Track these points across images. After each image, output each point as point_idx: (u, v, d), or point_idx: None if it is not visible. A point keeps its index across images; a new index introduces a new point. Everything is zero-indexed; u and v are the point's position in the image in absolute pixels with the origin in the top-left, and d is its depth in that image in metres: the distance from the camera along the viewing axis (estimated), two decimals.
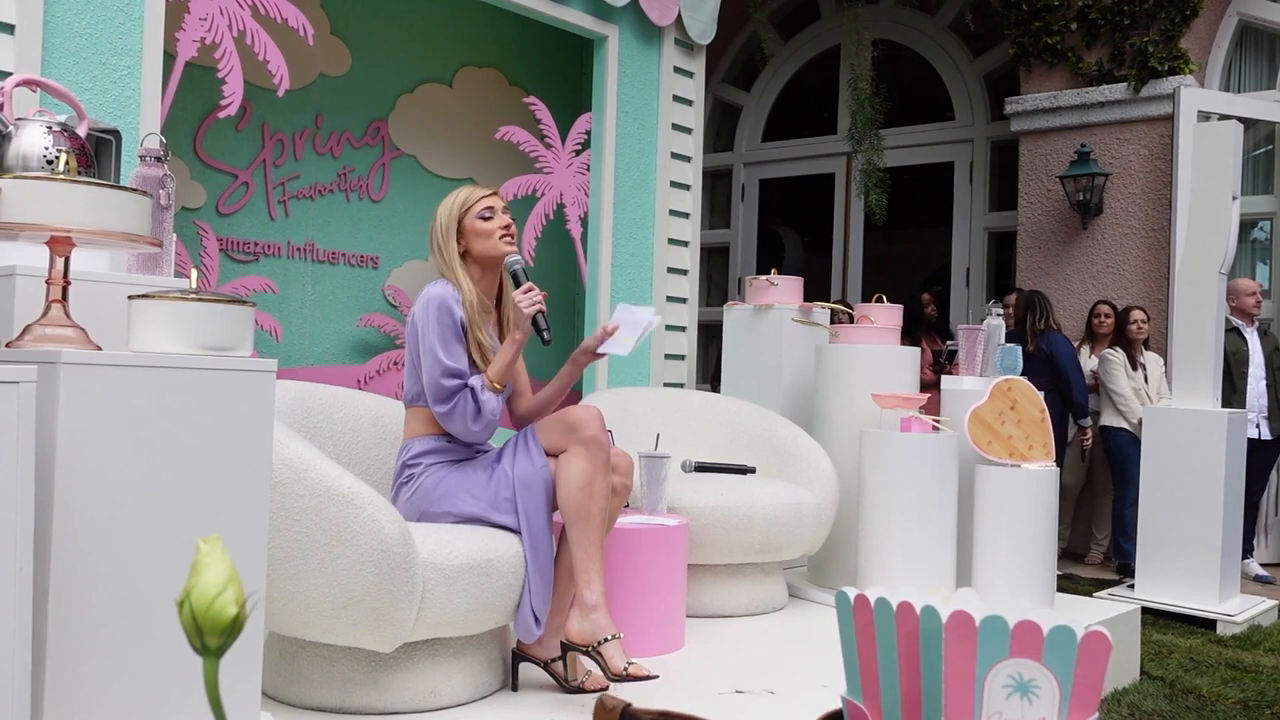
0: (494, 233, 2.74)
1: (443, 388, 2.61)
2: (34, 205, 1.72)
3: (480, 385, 2.64)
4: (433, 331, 2.62)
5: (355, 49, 5.51)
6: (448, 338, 2.63)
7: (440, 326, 2.63)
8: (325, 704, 2.44)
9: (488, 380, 2.65)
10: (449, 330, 2.63)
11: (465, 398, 2.62)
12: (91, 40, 3.14)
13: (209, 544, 0.61)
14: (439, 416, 2.64)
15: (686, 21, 5.17)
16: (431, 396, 2.63)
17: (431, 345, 2.62)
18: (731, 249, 8.58)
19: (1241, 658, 4.23)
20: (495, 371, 2.66)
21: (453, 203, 2.78)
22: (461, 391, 2.62)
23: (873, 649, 0.74)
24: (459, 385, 2.62)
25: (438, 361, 2.61)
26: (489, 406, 2.64)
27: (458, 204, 2.77)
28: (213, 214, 5.04)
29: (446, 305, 2.65)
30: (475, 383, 2.63)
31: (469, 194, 2.78)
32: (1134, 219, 6.64)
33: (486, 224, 2.74)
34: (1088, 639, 0.70)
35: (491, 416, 2.66)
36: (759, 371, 4.50)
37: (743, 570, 3.61)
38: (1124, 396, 5.86)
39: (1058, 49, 6.84)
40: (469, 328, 2.68)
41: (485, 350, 2.71)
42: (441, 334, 2.62)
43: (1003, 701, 0.68)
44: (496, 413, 2.67)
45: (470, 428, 2.64)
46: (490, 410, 2.64)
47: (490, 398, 2.64)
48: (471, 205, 2.75)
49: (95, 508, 1.69)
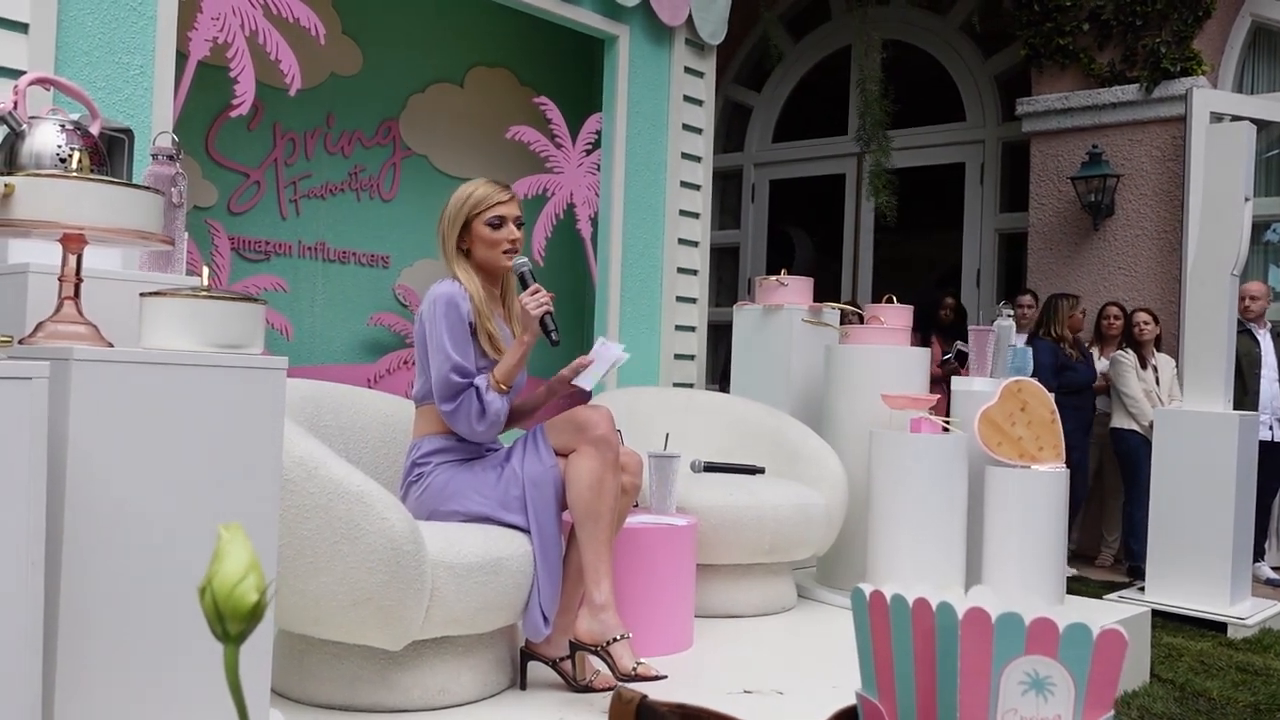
0: (499, 244, 2.71)
1: (450, 384, 2.61)
2: (47, 203, 1.72)
3: (486, 385, 2.63)
4: (441, 328, 2.62)
5: (367, 49, 5.52)
6: (456, 334, 2.62)
7: (448, 323, 2.62)
8: (334, 701, 2.45)
9: (494, 381, 2.64)
10: (457, 327, 2.63)
11: (470, 397, 2.61)
12: (104, 39, 3.16)
13: (230, 531, 0.61)
14: (444, 415, 2.64)
15: (697, 21, 5.17)
16: (438, 394, 2.63)
17: (440, 342, 2.62)
18: (741, 249, 8.57)
19: (1252, 661, 4.21)
20: (502, 372, 2.66)
21: (466, 197, 2.73)
22: (467, 391, 2.62)
23: (888, 645, 0.74)
24: (465, 384, 2.62)
25: (447, 357, 2.61)
26: (494, 407, 2.63)
27: (471, 200, 2.72)
28: (224, 213, 5.05)
29: (454, 302, 2.64)
30: (481, 383, 2.63)
31: (485, 195, 2.72)
32: (1146, 220, 6.62)
33: (493, 233, 2.71)
34: (1104, 637, 0.69)
35: (496, 417, 2.65)
36: (768, 372, 4.50)
37: (752, 570, 3.60)
38: (1134, 398, 5.83)
39: (1069, 50, 6.82)
40: (478, 321, 2.67)
41: (496, 342, 2.70)
42: (450, 330, 2.62)
43: (1018, 698, 0.68)
44: (502, 414, 2.66)
45: (475, 427, 2.63)
46: (495, 411, 2.64)
47: (495, 398, 2.63)
48: (485, 209, 2.71)
49: (106, 504, 1.69)
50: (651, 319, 5.05)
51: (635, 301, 4.97)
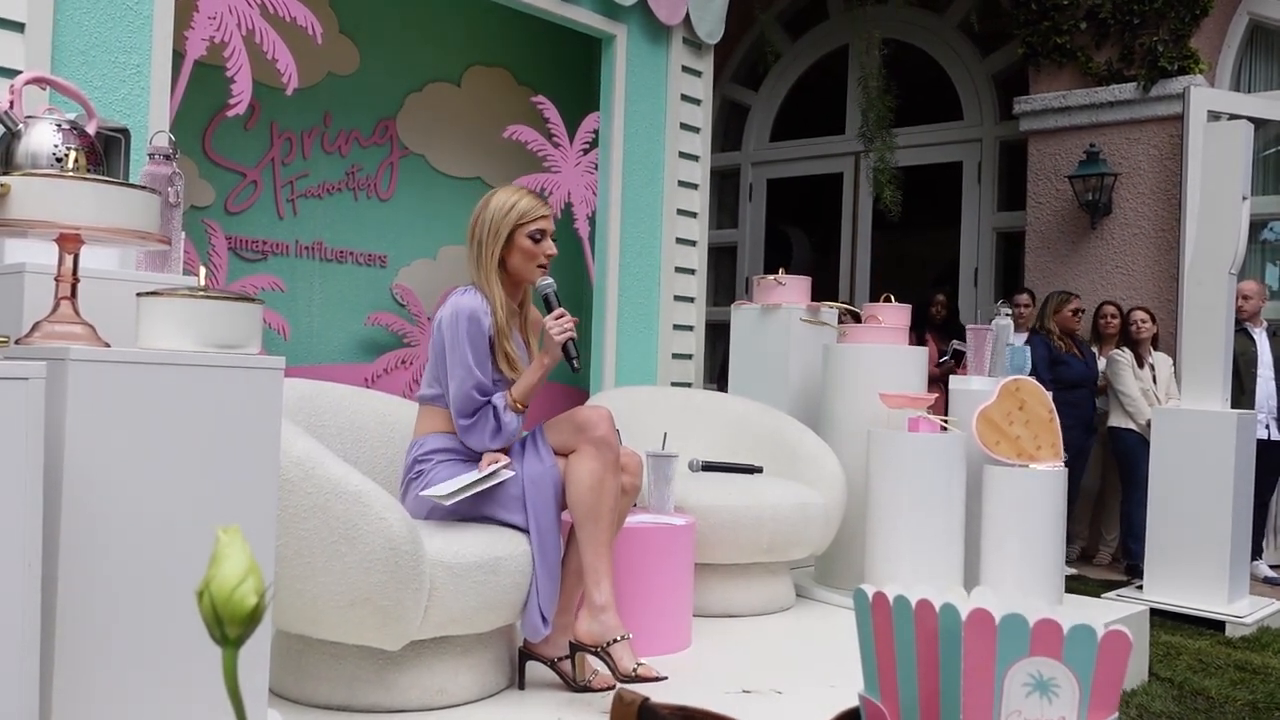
0: (536, 256, 2.71)
1: (469, 400, 2.62)
2: (43, 202, 1.72)
3: (503, 405, 2.64)
4: (464, 344, 2.62)
5: (364, 48, 5.52)
6: (478, 351, 2.63)
7: (471, 339, 2.62)
8: (332, 702, 2.44)
9: (511, 400, 2.65)
10: (479, 343, 2.63)
11: (487, 414, 2.63)
12: (101, 39, 3.15)
13: (229, 534, 0.61)
14: (460, 429, 2.64)
15: (695, 20, 5.16)
16: (456, 408, 2.63)
17: (464, 356, 2.61)
18: (739, 248, 8.57)
19: (1250, 659, 4.21)
20: (519, 392, 2.66)
21: (510, 206, 2.69)
22: (485, 408, 2.63)
23: (891, 647, 0.74)
24: (484, 401, 2.63)
25: (470, 373, 2.61)
26: (510, 427, 2.65)
27: (516, 211, 2.69)
28: (221, 212, 5.05)
29: (476, 318, 2.63)
30: (499, 402, 2.64)
31: (531, 207, 2.70)
32: (1143, 219, 6.62)
33: (534, 246, 2.70)
34: (1108, 638, 0.69)
35: (510, 435, 2.67)
36: (766, 371, 4.49)
37: (750, 570, 3.60)
38: (1131, 397, 5.83)
39: (1067, 49, 6.82)
40: (497, 339, 2.67)
41: (513, 360, 2.70)
42: (473, 347, 2.62)
43: (1022, 700, 0.68)
44: (516, 432, 2.69)
45: (488, 444, 2.65)
46: (510, 430, 2.66)
47: (512, 419, 2.65)
48: (528, 221, 2.69)
49: (103, 504, 1.69)
50: (649, 318, 5.05)
51: (633, 301, 4.96)
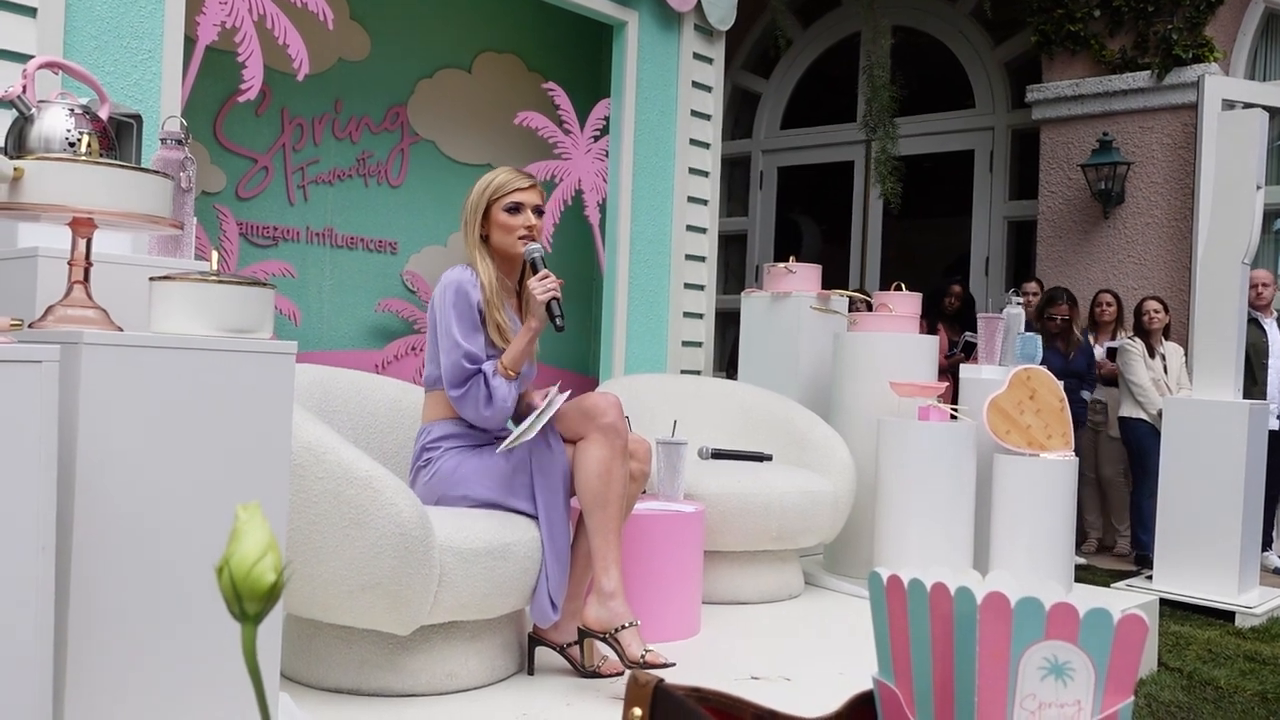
0: (515, 229, 2.72)
1: (459, 370, 2.62)
2: (56, 187, 1.72)
3: (493, 371, 2.64)
4: (450, 315, 2.64)
5: (375, 34, 5.51)
6: (465, 322, 2.63)
7: (457, 310, 2.64)
8: (343, 685, 2.45)
9: (501, 367, 2.65)
10: (466, 314, 2.64)
11: (478, 383, 2.63)
12: (113, 24, 3.15)
13: (248, 511, 0.61)
14: (453, 401, 2.65)
15: (706, 7, 5.14)
16: (447, 380, 2.64)
17: (450, 329, 2.63)
18: (749, 236, 8.56)
19: (1260, 650, 4.20)
20: (509, 358, 2.66)
21: (488, 184, 2.76)
22: (475, 376, 2.63)
23: (905, 630, 0.74)
24: (473, 370, 2.63)
25: (456, 344, 2.62)
26: (500, 393, 2.64)
27: (492, 186, 2.75)
28: (232, 198, 5.05)
29: (463, 290, 2.65)
30: (488, 368, 2.64)
31: (505, 181, 2.75)
32: (1156, 208, 6.59)
33: (510, 218, 2.72)
34: (1124, 622, 0.69)
35: (503, 403, 2.65)
36: (776, 359, 4.49)
37: (759, 557, 3.60)
38: (1142, 387, 5.81)
39: (1080, 36, 6.78)
40: (487, 310, 2.68)
41: (504, 332, 2.70)
42: (459, 317, 2.63)
43: (1037, 684, 0.68)
44: (509, 399, 2.67)
45: (482, 413, 2.64)
46: (502, 397, 2.64)
47: (502, 384, 2.64)
48: (503, 195, 2.73)
49: (116, 487, 1.69)
50: (659, 306, 5.04)
51: (643, 288, 4.96)
